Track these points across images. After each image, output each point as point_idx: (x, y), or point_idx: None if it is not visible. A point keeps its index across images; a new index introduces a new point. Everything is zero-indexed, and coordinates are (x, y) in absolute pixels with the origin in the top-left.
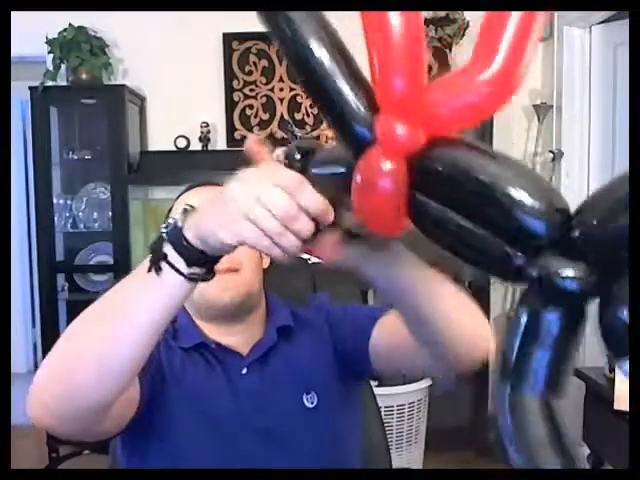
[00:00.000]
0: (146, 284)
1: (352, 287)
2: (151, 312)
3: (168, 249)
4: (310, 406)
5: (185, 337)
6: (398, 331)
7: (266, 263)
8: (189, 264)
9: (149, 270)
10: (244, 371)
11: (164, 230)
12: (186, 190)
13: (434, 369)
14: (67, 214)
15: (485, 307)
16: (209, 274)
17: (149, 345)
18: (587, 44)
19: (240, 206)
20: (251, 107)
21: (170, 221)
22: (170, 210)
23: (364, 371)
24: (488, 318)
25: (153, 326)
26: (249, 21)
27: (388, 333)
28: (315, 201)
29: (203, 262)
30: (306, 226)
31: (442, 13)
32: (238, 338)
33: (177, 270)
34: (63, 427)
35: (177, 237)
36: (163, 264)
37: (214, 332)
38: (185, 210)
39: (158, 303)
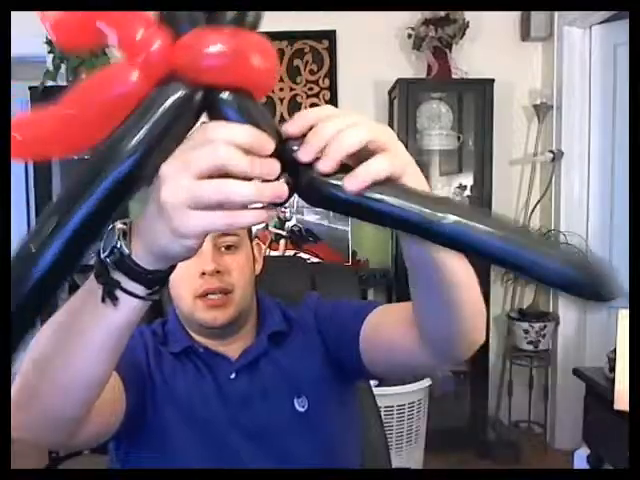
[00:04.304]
0: (100, 312)
1: (352, 287)
2: (109, 335)
3: (119, 276)
4: (301, 410)
5: (174, 342)
6: (390, 325)
7: (258, 269)
8: (148, 286)
9: (103, 300)
10: (232, 376)
11: (105, 257)
12: None
13: (429, 361)
14: None
15: (485, 307)
16: (166, 282)
17: (111, 362)
18: (587, 44)
19: (184, 176)
20: None
21: (110, 248)
22: None
23: (357, 372)
24: (488, 318)
25: (112, 347)
26: None
27: (379, 330)
28: (245, 133)
29: (162, 278)
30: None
31: (442, 13)
32: (228, 347)
33: (135, 295)
34: (42, 440)
35: (127, 265)
36: (118, 292)
37: (204, 340)
38: (123, 232)
39: (116, 327)
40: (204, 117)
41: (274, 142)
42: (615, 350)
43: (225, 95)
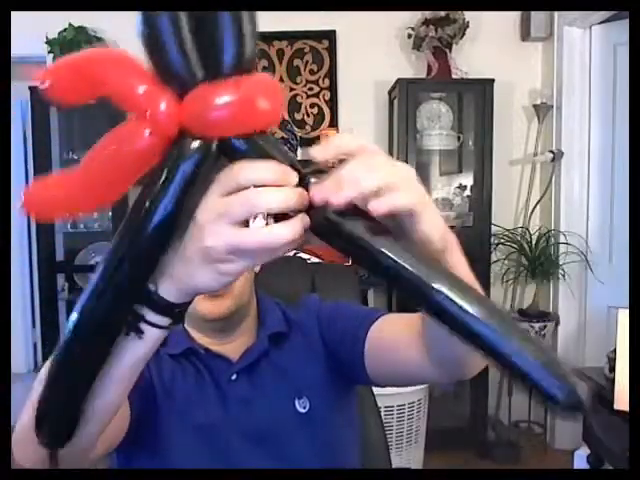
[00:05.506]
0: (123, 345)
1: (352, 287)
2: (132, 366)
3: (143, 310)
4: (302, 411)
5: (174, 343)
6: (396, 337)
7: (257, 268)
8: (173, 317)
9: (127, 333)
10: (233, 377)
11: None
12: None
13: (433, 377)
14: None
15: None
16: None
17: (129, 388)
18: (587, 44)
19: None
20: None
21: None
22: None
23: (357, 377)
24: None
25: (134, 376)
26: None
27: (384, 339)
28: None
29: (186, 308)
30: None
31: (442, 13)
32: (229, 346)
33: (159, 326)
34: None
35: (152, 300)
36: (143, 325)
37: (204, 340)
38: None
39: (138, 358)
40: None
41: (295, 174)
42: (615, 350)
43: (238, 141)
